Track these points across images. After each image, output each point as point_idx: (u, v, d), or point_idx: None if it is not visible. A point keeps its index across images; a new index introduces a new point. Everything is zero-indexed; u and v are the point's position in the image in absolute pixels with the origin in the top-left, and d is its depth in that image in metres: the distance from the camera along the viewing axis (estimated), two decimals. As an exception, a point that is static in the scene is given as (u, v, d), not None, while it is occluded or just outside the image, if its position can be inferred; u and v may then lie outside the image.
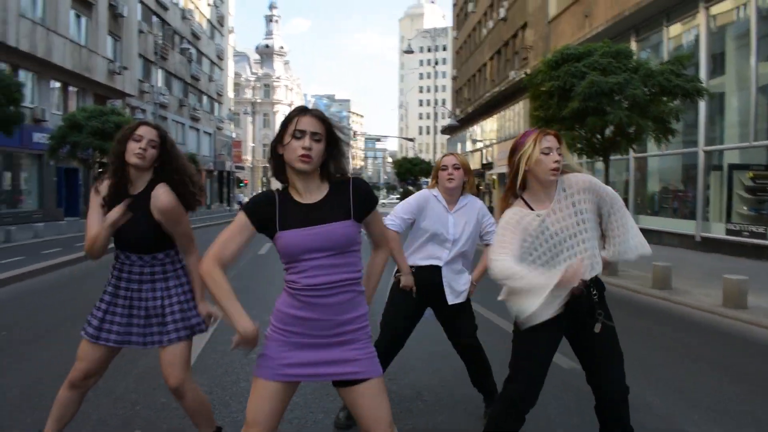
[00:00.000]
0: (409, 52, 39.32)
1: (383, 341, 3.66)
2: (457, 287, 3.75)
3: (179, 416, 3.69)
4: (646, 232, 16.96)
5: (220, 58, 58.19)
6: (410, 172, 45.59)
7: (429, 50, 51.11)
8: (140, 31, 36.84)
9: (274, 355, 2.27)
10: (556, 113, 11.87)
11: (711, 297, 8.61)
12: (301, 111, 2.26)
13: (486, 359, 3.89)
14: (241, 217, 2.25)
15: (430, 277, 3.69)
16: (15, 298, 8.30)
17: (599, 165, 21.54)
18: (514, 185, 2.85)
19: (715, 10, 15.97)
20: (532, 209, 2.81)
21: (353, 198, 2.31)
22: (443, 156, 3.82)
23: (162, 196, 2.87)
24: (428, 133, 43.79)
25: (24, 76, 24.25)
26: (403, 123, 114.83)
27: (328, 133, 2.28)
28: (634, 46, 19.56)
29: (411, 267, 3.72)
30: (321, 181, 2.33)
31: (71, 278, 10.06)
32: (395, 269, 3.82)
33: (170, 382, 2.94)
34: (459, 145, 49.36)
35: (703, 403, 4.32)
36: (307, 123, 2.22)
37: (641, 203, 19.61)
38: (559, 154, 2.75)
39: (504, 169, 33.10)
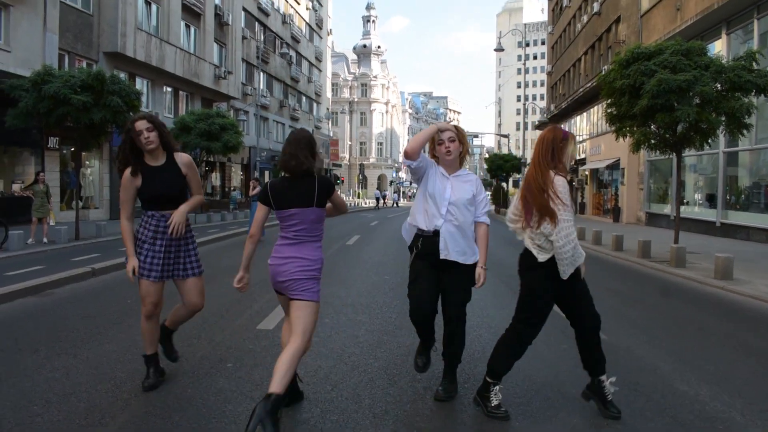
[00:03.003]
0: (500, 49, 39.53)
1: (412, 308, 3.98)
2: (453, 248, 3.94)
3: (262, 357, 4.76)
4: (733, 228, 17.07)
5: (319, 59, 60.29)
6: (501, 168, 45.48)
7: (528, 45, 50.57)
8: (243, 37, 39.19)
9: None
10: (628, 110, 12.29)
11: (770, 287, 8.89)
12: None
13: (463, 332, 4.08)
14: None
15: (433, 247, 3.95)
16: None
17: (689, 159, 21.43)
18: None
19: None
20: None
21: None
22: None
23: (183, 155, 4.26)
24: (525, 129, 43.61)
25: (140, 83, 26.72)
26: (500, 119, 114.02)
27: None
28: (724, 39, 19.33)
29: (420, 231, 4.04)
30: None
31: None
32: (410, 243, 4.14)
33: (201, 305, 4.27)
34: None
35: (697, 364, 4.93)
36: None
37: (730, 198, 19.32)
38: None
39: (596, 165, 32.94)
